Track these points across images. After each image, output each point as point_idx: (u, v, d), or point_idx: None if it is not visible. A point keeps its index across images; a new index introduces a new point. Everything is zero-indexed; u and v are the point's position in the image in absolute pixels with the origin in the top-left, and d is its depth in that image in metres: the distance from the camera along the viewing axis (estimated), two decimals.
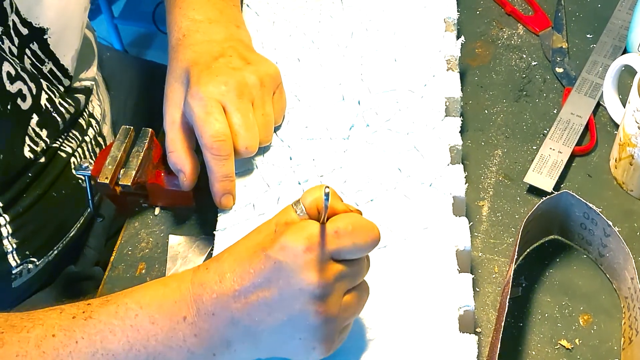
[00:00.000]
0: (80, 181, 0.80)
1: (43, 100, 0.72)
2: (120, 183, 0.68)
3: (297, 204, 0.53)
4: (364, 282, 0.55)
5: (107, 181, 0.67)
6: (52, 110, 0.74)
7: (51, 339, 0.52)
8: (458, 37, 0.76)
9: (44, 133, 0.73)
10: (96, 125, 0.85)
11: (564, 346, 0.62)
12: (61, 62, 0.76)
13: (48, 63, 0.74)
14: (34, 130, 0.72)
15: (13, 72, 0.68)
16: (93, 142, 0.83)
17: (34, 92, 0.71)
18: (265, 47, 0.77)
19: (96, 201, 0.82)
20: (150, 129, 0.70)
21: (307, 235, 0.50)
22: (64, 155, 0.78)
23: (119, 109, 0.97)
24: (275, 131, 0.71)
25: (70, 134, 0.79)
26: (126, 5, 2.06)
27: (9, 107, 0.68)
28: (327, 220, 0.51)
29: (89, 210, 0.84)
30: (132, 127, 0.70)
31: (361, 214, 0.54)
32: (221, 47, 0.68)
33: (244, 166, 0.68)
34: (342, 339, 0.55)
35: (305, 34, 0.78)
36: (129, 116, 0.98)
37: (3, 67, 0.67)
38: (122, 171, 0.68)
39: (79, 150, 0.80)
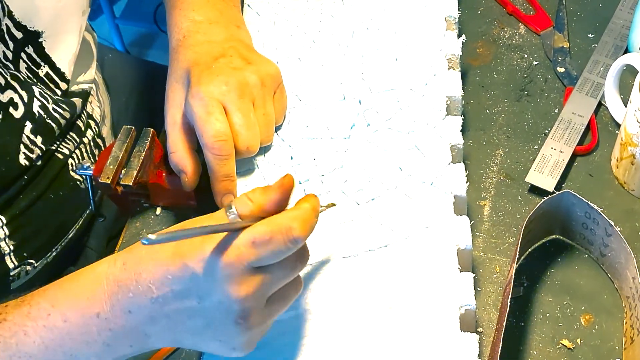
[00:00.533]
0: (78, 182, 0.80)
1: (36, 108, 0.72)
2: (121, 183, 0.68)
3: (229, 209, 0.51)
4: (295, 282, 0.54)
5: (108, 181, 0.67)
6: (45, 117, 0.74)
7: None
8: (459, 36, 0.75)
9: (38, 140, 0.73)
10: (95, 126, 0.85)
11: (566, 346, 0.62)
12: (57, 66, 0.75)
13: (44, 67, 0.74)
14: (28, 137, 0.72)
15: (3, 82, 0.68)
16: (92, 144, 0.83)
17: (26, 99, 0.71)
18: (266, 46, 0.77)
19: (97, 201, 0.82)
20: (152, 129, 0.70)
21: (228, 250, 0.49)
22: (60, 157, 0.78)
23: (120, 110, 0.97)
24: (276, 131, 0.71)
25: (67, 136, 0.79)
26: (127, 6, 2.06)
27: (1, 116, 0.68)
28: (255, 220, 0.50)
29: (88, 211, 0.83)
30: (133, 127, 0.70)
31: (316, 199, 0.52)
32: (222, 47, 0.68)
33: (245, 166, 0.68)
34: (263, 333, 0.54)
35: (306, 33, 0.78)
36: (130, 117, 0.98)
37: None
38: (123, 171, 0.68)
39: (77, 151, 0.80)
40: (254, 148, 0.65)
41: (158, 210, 0.73)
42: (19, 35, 0.69)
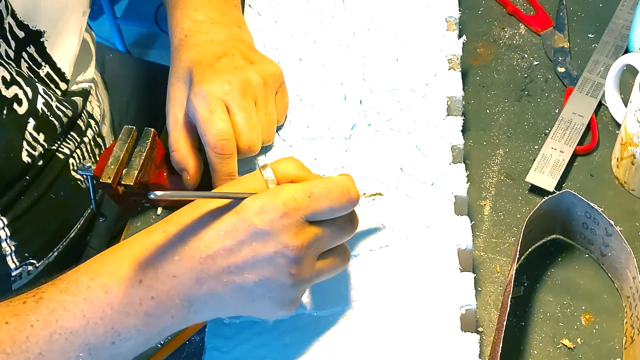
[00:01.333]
0: (79, 182, 0.80)
1: (39, 105, 0.72)
2: (122, 183, 0.68)
3: (265, 168, 0.53)
4: (342, 246, 0.55)
5: (109, 181, 0.67)
6: (49, 114, 0.74)
7: (5, 327, 0.51)
8: (460, 36, 0.76)
9: (41, 137, 0.73)
10: (95, 126, 0.85)
11: (566, 345, 0.62)
12: (58, 66, 0.75)
13: (45, 67, 0.74)
14: (31, 134, 0.72)
15: (8, 77, 0.68)
16: (92, 143, 0.83)
17: (30, 96, 0.71)
18: (267, 47, 0.77)
19: (98, 201, 0.82)
20: (153, 129, 0.70)
21: (284, 200, 0.50)
22: (61, 156, 0.78)
23: (121, 110, 0.97)
24: (277, 131, 0.71)
25: (68, 136, 0.79)
26: (128, 6, 2.07)
27: (4, 112, 0.68)
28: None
29: (89, 210, 0.84)
30: (134, 127, 0.70)
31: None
32: (224, 47, 0.68)
33: (246, 166, 0.68)
34: (302, 293, 0.55)
35: (307, 33, 0.78)
36: (131, 117, 0.98)
37: None
38: (124, 171, 0.68)
39: (77, 151, 0.80)
40: (255, 147, 0.66)
41: (159, 210, 0.73)
42: (21, 34, 0.69)
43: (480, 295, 0.65)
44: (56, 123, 0.75)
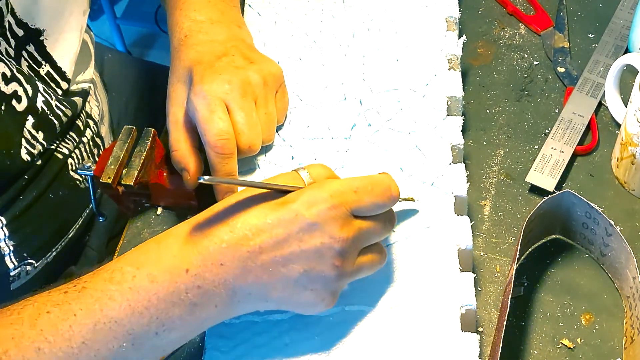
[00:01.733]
0: (78, 182, 0.80)
1: (39, 103, 0.72)
2: (122, 183, 0.68)
3: (301, 170, 0.55)
4: (379, 244, 0.57)
5: (109, 181, 0.67)
6: (48, 112, 0.74)
7: (46, 316, 0.51)
8: (460, 36, 0.76)
9: (40, 136, 0.73)
10: (94, 126, 0.85)
11: (566, 345, 0.62)
12: (58, 65, 0.75)
13: (45, 65, 0.74)
14: (30, 132, 0.72)
15: (8, 73, 0.68)
16: (91, 143, 0.83)
17: (30, 93, 0.71)
18: (267, 47, 0.77)
19: (97, 201, 0.82)
20: (153, 129, 0.70)
21: (332, 193, 0.52)
22: (60, 156, 0.78)
23: (121, 110, 0.97)
24: (277, 131, 0.71)
25: (67, 136, 0.79)
26: (128, 6, 2.07)
27: (3, 108, 0.68)
28: None
29: (88, 210, 0.84)
30: (134, 127, 0.70)
31: None
32: (224, 46, 0.68)
33: (246, 165, 0.68)
34: (341, 288, 0.56)
35: (307, 33, 0.78)
36: (131, 117, 0.98)
37: None
38: (124, 171, 0.68)
39: (76, 151, 0.80)
40: (255, 147, 0.66)
41: (159, 210, 0.73)
42: (20, 32, 0.69)
43: (480, 295, 0.65)
44: (56, 122, 0.75)
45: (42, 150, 0.74)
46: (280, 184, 0.53)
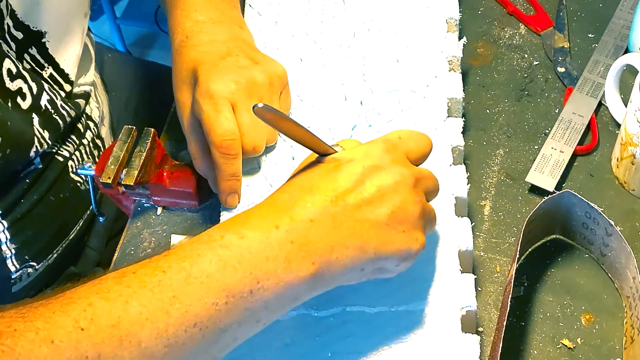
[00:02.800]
0: (79, 184, 0.80)
1: (44, 101, 0.72)
2: (122, 183, 0.68)
3: (336, 146, 0.57)
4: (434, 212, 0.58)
5: (109, 181, 0.67)
6: (52, 112, 0.73)
7: (132, 275, 0.48)
8: (460, 37, 0.76)
9: (46, 134, 0.73)
10: (94, 127, 0.85)
11: (566, 345, 0.63)
12: (61, 67, 0.75)
13: (48, 68, 0.74)
14: (38, 131, 0.72)
15: (14, 70, 0.68)
16: (91, 145, 0.83)
17: (35, 92, 0.70)
18: (268, 47, 0.77)
19: (97, 201, 0.82)
20: (153, 129, 0.70)
21: (382, 141, 0.55)
22: (60, 159, 0.78)
23: (120, 110, 0.97)
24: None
25: (68, 139, 0.79)
26: (128, 6, 2.07)
27: (9, 104, 0.68)
28: None
29: (88, 212, 0.84)
30: (134, 127, 0.70)
31: None
32: (226, 46, 0.68)
33: (247, 166, 0.68)
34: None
35: (307, 34, 0.78)
36: (131, 117, 0.98)
37: (4, 64, 0.67)
38: (124, 171, 0.68)
39: (77, 153, 0.80)
40: (260, 148, 0.66)
41: (159, 210, 0.73)
42: (19, 35, 0.69)
43: (480, 295, 0.65)
44: (60, 122, 0.75)
45: (46, 150, 0.74)
46: (327, 144, 0.56)
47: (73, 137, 0.80)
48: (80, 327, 0.44)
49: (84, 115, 0.83)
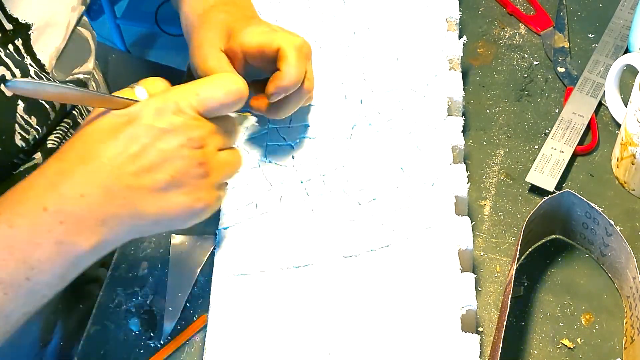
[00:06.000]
0: None
1: None
2: None
3: (135, 87, 0.54)
4: (236, 150, 0.57)
5: None
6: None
7: None
8: (460, 36, 0.76)
9: (33, 121, 0.73)
10: None
11: (566, 345, 0.63)
12: (38, 57, 0.75)
13: (27, 58, 0.74)
14: (22, 117, 0.72)
15: None
16: None
17: (18, 76, 0.70)
18: None
19: None
20: None
21: (175, 99, 0.53)
22: None
23: None
24: (277, 131, 0.71)
25: (69, 134, 0.79)
26: (128, 6, 2.07)
27: None
28: None
29: None
30: None
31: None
32: (252, 11, 0.68)
33: (247, 164, 0.69)
34: (220, 198, 0.56)
35: (307, 33, 0.78)
36: None
37: None
38: None
39: None
40: (312, 96, 0.67)
41: None
42: (9, 26, 0.69)
43: (480, 295, 0.65)
44: (47, 106, 0.75)
45: (37, 137, 0.74)
46: (122, 97, 0.53)
47: (73, 132, 0.80)
48: None
49: (85, 112, 0.83)
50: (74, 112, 0.81)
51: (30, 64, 0.74)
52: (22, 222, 0.50)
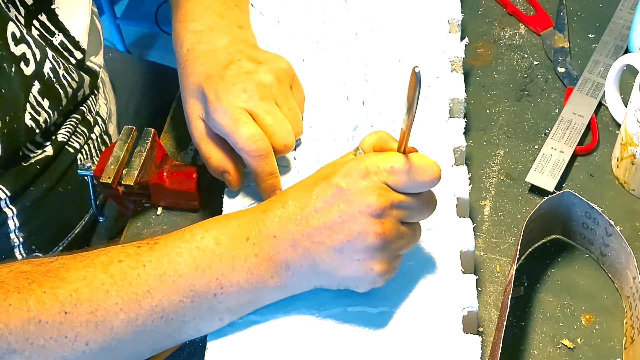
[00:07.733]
0: (86, 178, 0.81)
1: (46, 69, 0.72)
2: (122, 183, 0.68)
3: (357, 150, 0.58)
4: (418, 224, 0.58)
5: (109, 181, 0.67)
6: (54, 80, 0.73)
7: (117, 264, 0.54)
8: (462, 38, 0.76)
9: (45, 103, 0.73)
10: (102, 123, 0.85)
11: (566, 345, 0.63)
12: (72, 34, 0.75)
13: (59, 35, 0.74)
14: (35, 98, 0.72)
15: (18, 34, 0.67)
16: (99, 140, 0.84)
17: (38, 58, 0.70)
18: (270, 46, 0.77)
19: (100, 201, 0.82)
20: (153, 129, 0.70)
21: (366, 164, 0.54)
22: (71, 150, 0.78)
23: (121, 110, 0.98)
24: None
25: (78, 130, 0.80)
26: (128, 6, 2.06)
27: (13, 69, 0.68)
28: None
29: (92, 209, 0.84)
30: (134, 127, 0.70)
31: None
32: (227, 53, 0.67)
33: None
34: (394, 269, 0.57)
35: (309, 34, 0.78)
36: (132, 117, 0.99)
37: (8, 27, 0.67)
38: (124, 171, 0.68)
39: (85, 147, 0.81)
40: (291, 144, 0.65)
41: (159, 210, 0.73)
42: (29, 1, 0.69)
43: (481, 295, 0.66)
44: (61, 91, 0.75)
45: (47, 121, 0.74)
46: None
47: (83, 129, 0.81)
48: (65, 311, 0.52)
49: (93, 110, 0.83)
50: (87, 117, 0.82)
51: (62, 41, 0.74)
52: (226, 244, 0.56)
